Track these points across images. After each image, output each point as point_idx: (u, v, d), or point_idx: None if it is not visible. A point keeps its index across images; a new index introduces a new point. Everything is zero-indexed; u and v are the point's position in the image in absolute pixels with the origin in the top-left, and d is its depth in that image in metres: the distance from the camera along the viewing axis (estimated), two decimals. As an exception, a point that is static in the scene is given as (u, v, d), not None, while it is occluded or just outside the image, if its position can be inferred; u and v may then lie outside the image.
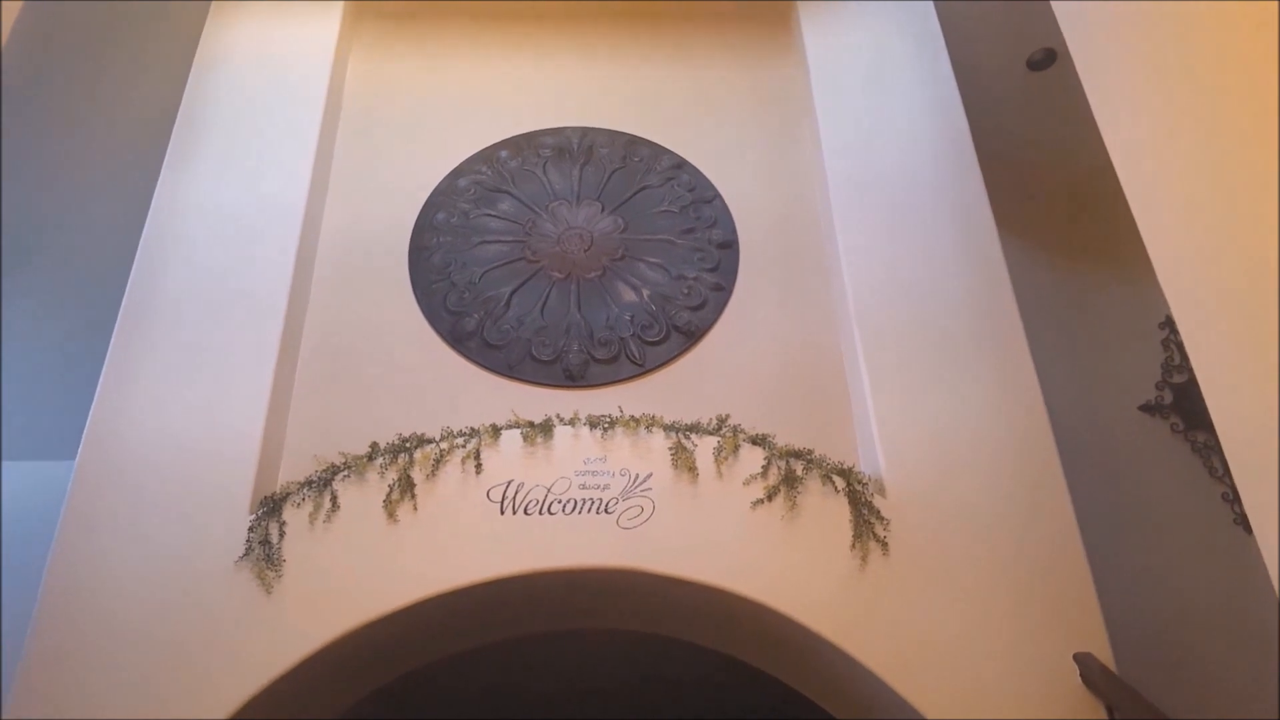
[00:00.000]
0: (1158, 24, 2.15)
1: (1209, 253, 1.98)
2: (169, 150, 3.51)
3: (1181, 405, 4.20)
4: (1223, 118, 1.92)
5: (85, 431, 2.92)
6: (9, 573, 3.80)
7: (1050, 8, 2.71)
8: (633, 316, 3.36)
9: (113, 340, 3.09)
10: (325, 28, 3.87)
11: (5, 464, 4.32)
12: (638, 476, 2.89)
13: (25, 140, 4.27)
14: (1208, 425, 3.99)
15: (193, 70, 3.73)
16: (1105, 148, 2.38)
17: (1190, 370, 4.19)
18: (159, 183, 3.43)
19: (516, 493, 2.86)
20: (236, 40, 3.82)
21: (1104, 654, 2.60)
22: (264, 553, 2.73)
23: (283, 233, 3.33)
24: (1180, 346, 4.25)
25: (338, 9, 3.94)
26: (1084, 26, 2.51)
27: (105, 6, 4.06)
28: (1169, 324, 4.30)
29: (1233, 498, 3.95)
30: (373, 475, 2.88)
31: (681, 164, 3.75)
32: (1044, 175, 4.82)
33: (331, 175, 3.69)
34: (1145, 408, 4.26)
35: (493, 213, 3.62)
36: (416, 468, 2.89)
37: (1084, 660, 2.56)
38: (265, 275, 3.24)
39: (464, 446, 2.94)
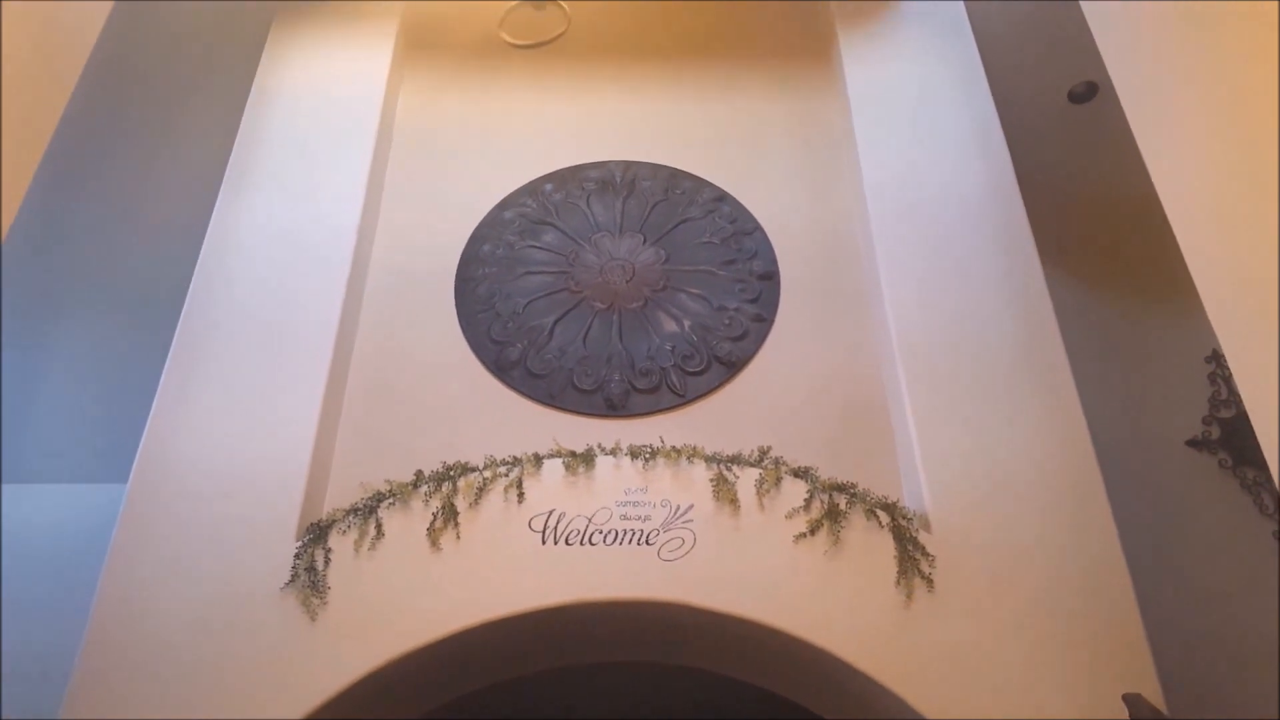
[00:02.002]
0: (1201, 54, 2.15)
1: (1258, 284, 1.96)
2: (224, 180, 3.60)
3: (1230, 441, 4.13)
4: (1270, 147, 1.91)
5: (137, 456, 2.98)
6: (45, 595, 3.84)
7: (1091, 40, 2.71)
8: (674, 347, 3.37)
9: (166, 365, 3.16)
10: (377, 63, 3.96)
11: (47, 487, 4.38)
12: (679, 508, 2.89)
13: (85, 167, 4.40)
14: (1257, 461, 3.92)
15: (248, 103, 3.83)
16: (1149, 179, 2.36)
17: (1238, 405, 4.12)
18: (214, 212, 3.52)
19: (558, 522, 2.87)
20: (291, 74, 3.93)
21: (1153, 694, 2.54)
22: (309, 579, 2.76)
23: (334, 262, 3.39)
24: (1228, 381, 4.19)
25: (389, 44, 4.04)
26: (1127, 58, 2.50)
27: (165, 42, 4.19)
28: (1215, 358, 4.24)
29: (1284, 535, 3.87)
30: (417, 503, 2.91)
31: (723, 196, 3.78)
32: (1087, 208, 4.79)
33: (381, 206, 3.77)
34: (1193, 443, 4.19)
35: (537, 244, 3.66)
36: (460, 496, 2.92)
37: (1133, 701, 2.51)
38: (316, 304, 3.30)
39: (506, 475, 2.96)
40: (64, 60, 2.43)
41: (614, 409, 3.25)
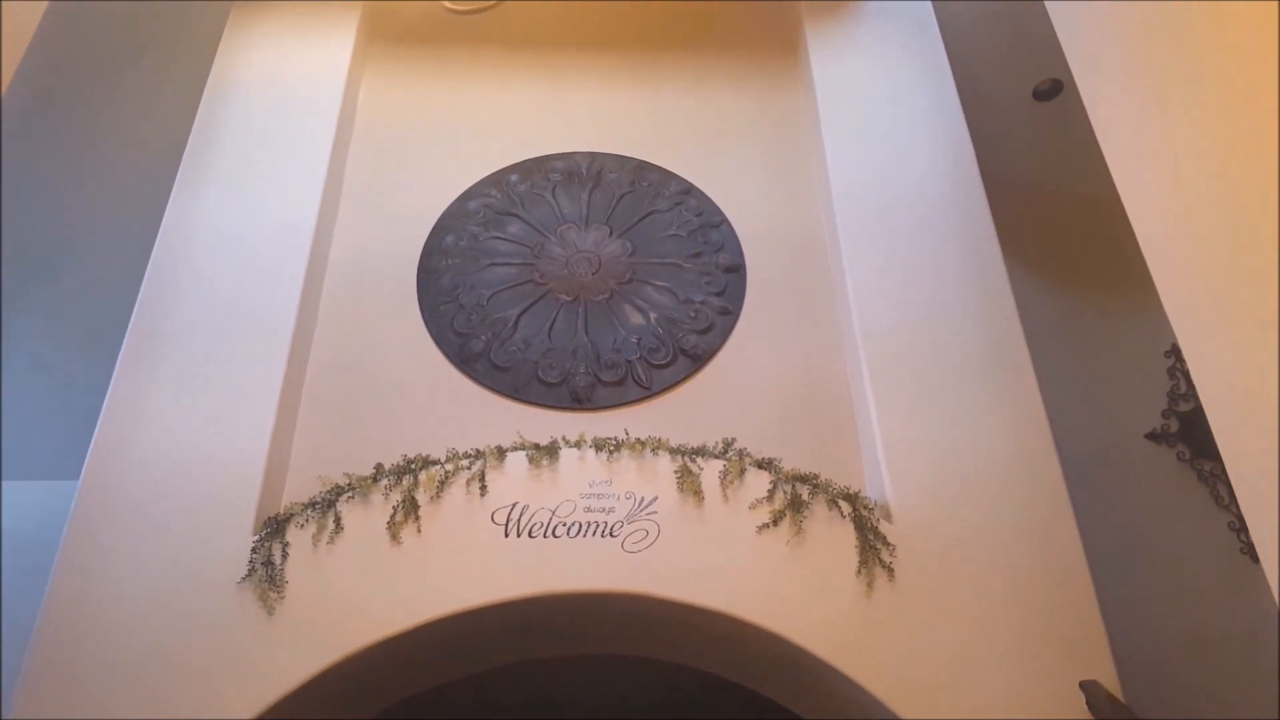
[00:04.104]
0: (1162, 53, 2.17)
1: (1215, 280, 1.99)
2: (180, 171, 3.54)
3: (1188, 434, 4.19)
4: (1229, 145, 1.93)
5: (90, 451, 2.92)
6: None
7: (1056, 39, 2.74)
8: (640, 339, 3.36)
9: (119, 359, 3.10)
10: (338, 52, 3.91)
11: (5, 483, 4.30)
12: (643, 500, 2.89)
13: (36, 160, 4.30)
14: (1214, 454, 3.96)
15: (205, 93, 3.76)
16: (1110, 176, 2.39)
17: (1197, 399, 4.18)
18: (169, 203, 3.45)
19: (521, 515, 2.85)
20: (250, 63, 3.86)
21: (1110, 682, 2.58)
22: (267, 574, 2.72)
23: (292, 254, 3.34)
24: (1186, 375, 4.25)
25: (351, 34, 3.99)
26: (1089, 57, 2.53)
27: (120, 29, 4.10)
28: (1174, 352, 4.30)
29: (1239, 526, 3.93)
30: (377, 496, 2.88)
31: (690, 189, 3.77)
32: (1050, 204, 4.83)
33: (342, 197, 3.72)
34: (1151, 436, 4.25)
35: (501, 236, 3.64)
36: (421, 489, 2.89)
37: (1090, 688, 2.54)
38: (273, 296, 3.25)
39: (469, 468, 2.94)
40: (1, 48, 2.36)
41: (579, 402, 3.23)
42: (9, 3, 2.37)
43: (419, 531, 2.82)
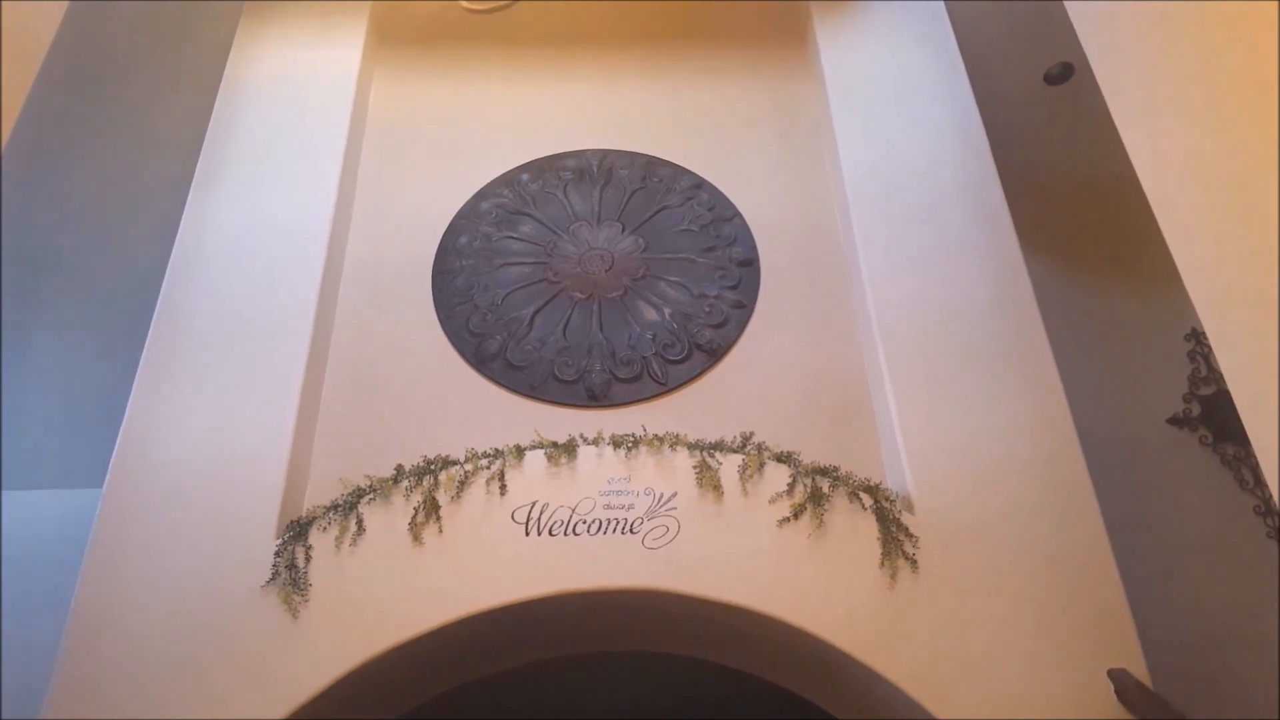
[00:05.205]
0: (1178, 32, 2.15)
1: (1238, 260, 1.97)
2: (195, 175, 3.56)
3: (1210, 418, 4.15)
4: (1247, 123, 1.91)
5: (113, 458, 2.95)
6: (23, 602, 3.78)
7: (1066, 22, 2.71)
8: (655, 335, 3.36)
9: (140, 366, 3.12)
10: (349, 53, 3.93)
11: (21, 493, 4.31)
12: (662, 496, 2.88)
13: (52, 164, 4.33)
14: (1237, 438, 3.95)
15: (219, 96, 3.78)
16: (1126, 159, 2.36)
17: (1218, 382, 4.14)
18: (185, 207, 3.47)
19: (541, 514, 2.86)
20: (262, 66, 3.88)
21: (1139, 670, 2.56)
22: (290, 577, 2.73)
23: (307, 257, 3.36)
24: (1207, 359, 4.22)
25: (361, 34, 4.00)
26: (1104, 37, 2.50)
27: (133, 33, 4.13)
28: (1195, 336, 4.27)
29: (1265, 511, 3.90)
30: (398, 498, 2.89)
31: (701, 183, 3.76)
32: (1065, 188, 4.80)
33: (355, 199, 3.73)
34: (1173, 421, 4.22)
35: (514, 235, 3.64)
36: (441, 490, 2.89)
37: (1119, 677, 2.52)
38: (290, 299, 3.26)
39: (488, 468, 2.94)
40: (20, 55, 2.37)
41: (596, 399, 3.23)
42: (32, 3, 2.37)
43: (440, 532, 2.82)
